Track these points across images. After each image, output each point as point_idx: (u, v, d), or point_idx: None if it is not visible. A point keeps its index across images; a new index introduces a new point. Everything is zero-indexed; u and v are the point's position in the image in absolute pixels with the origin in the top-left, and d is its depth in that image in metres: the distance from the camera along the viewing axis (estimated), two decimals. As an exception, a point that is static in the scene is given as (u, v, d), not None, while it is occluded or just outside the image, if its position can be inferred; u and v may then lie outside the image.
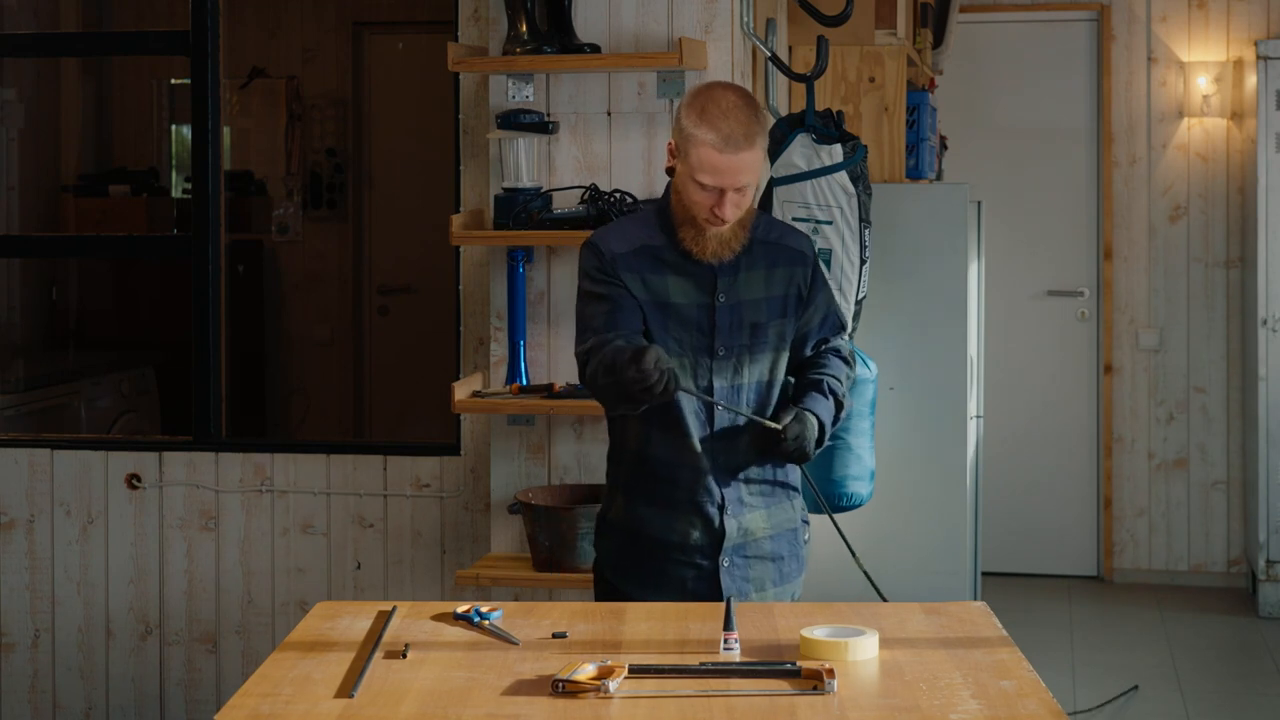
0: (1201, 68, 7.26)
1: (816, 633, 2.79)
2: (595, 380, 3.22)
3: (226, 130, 7.19)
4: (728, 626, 2.79)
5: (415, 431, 7.15)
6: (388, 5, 7.93)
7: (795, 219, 4.34)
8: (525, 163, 4.23)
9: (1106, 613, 6.89)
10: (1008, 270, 7.34)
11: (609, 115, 4.31)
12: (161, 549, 4.90)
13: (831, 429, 3.37)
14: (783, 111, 4.87)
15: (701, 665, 2.69)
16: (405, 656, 2.78)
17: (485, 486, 4.66)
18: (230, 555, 4.87)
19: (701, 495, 3.32)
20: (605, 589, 3.45)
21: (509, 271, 4.31)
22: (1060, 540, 7.49)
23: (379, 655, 2.79)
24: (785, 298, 3.35)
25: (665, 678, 2.65)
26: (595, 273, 3.31)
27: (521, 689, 2.60)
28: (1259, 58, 6.74)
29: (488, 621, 2.98)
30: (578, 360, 3.31)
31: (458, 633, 2.95)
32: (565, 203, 4.26)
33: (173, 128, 7.84)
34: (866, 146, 4.54)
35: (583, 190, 4.23)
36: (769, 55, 4.54)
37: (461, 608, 3.04)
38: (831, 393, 3.38)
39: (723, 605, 2.94)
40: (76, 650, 4.96)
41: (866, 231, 4.44)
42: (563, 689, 2.56)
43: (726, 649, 2.78)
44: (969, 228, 4.95)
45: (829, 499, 4.29)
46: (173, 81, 7.74)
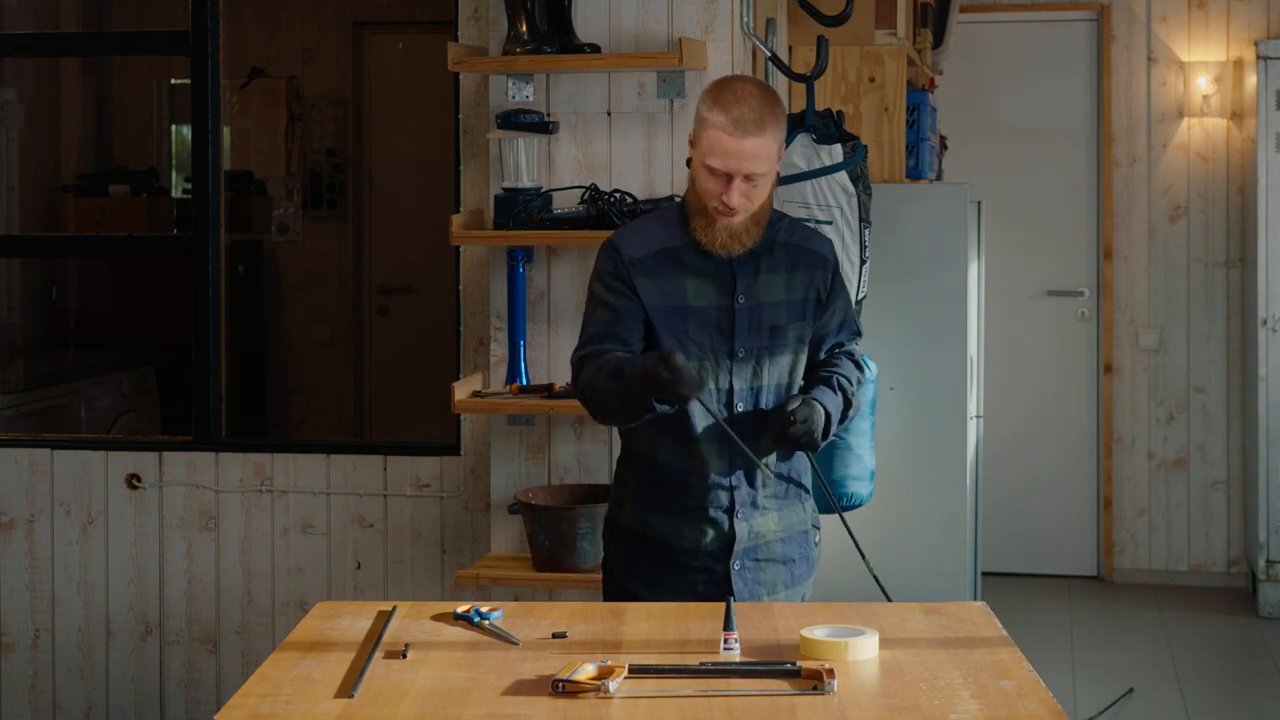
0: (1201, 68, 7.26)
1: (816, 633, 2.79)
2: (594, 385, 3.22)
3: (226, 130, 7.19)
4: (728, 626, 2.79)
5: (415, 431, 7.15)
6: (388, 5, 7.93)
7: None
8: (525, 163, 4.23)
9: (1106, 613, 6.89)
10: (1008, 270, 7.34)
11: (609, 115, 4.31)
12: (161, 549, 4.90)
13: (838, 425, 3.37)
14: (783, 111, 4.86)
15: (701, 665, 2.69)
16: (405, 656, 2.78)
17: (485, 486, 4.66)
18: (230, 555, 4.87)
19: (712, 500, 3.31)
20: (615, 588, 3.44)
21: (509, 271, 4.31)
22: (1060, 540, 7.49)
23: (379, 655, 2.79)
24: (805, 301, 3.35)
25: (665, 678, 2.65)
26: (608, 278, 3.29)
27: (521, 689, 2.60)
28: (1259, 58, 6.74)
29: (488, 621, 2.98)
30: (572, 365, 3.31)
31: (458, 633, 2.95)
32: (565, 203, 4.26)
33: (173, 128, 7.84)
34: (866, 146, 4.54)
35: (583, 190, 4.23)
36: (769, 55, 4.54)
37: (461, 608, 3.04)
38: (841, 389, 3.38)
39: (723, 605, 2.94)
40: (76, 650, 4.96)
41: (866, 231, 4.44)
42: (563, 689, 2.56)
43: (726, 649, 2.78)
44: (969, 228, 4.95)
45: (826, 502, 4.30)
46: (173, 81, 7.74)
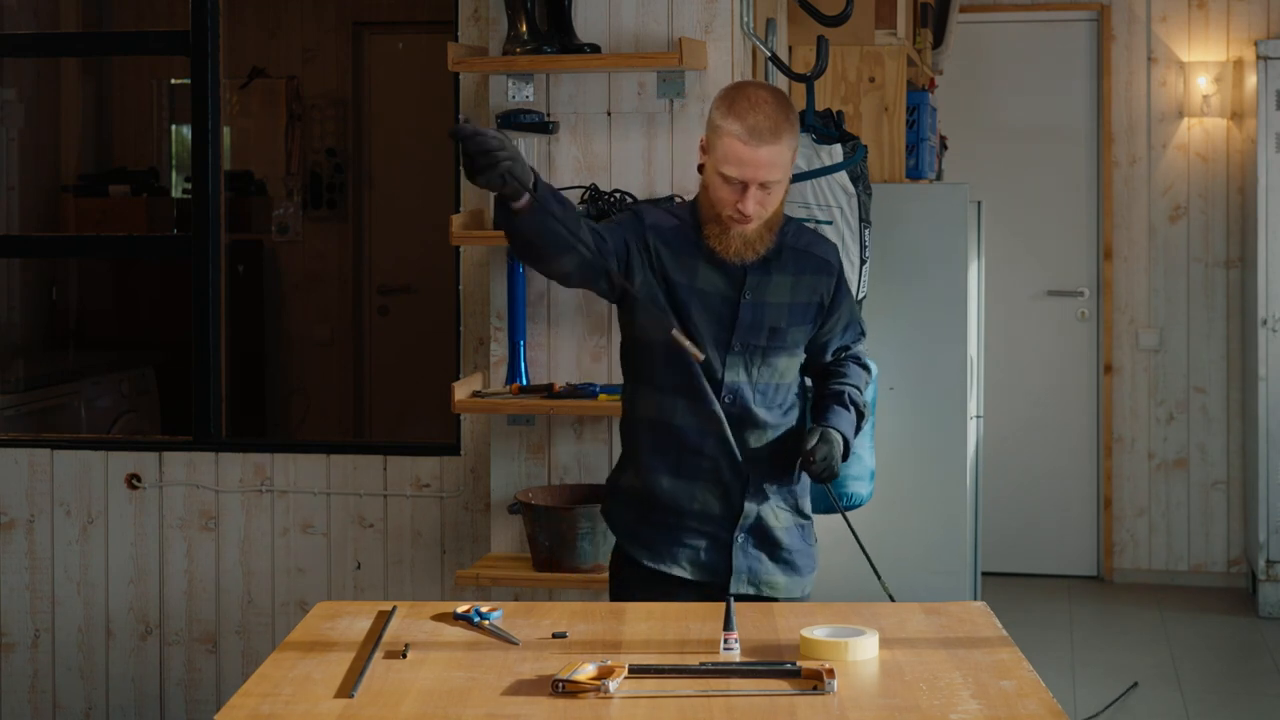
0: (1201, 68, 7.26)
1: (816, 633, 2.79)
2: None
3: (226, 130, 7.19)
4: (728, 626, 2.79)
5: (415, 431, 7.15)
6: (388, 5, 7.93)
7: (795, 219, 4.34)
8: (525, 163, 4.23)
9: (1106, 613, 6.89)
10: (1008, 270, 7.34)
11: (609, 115, 4.31)
12: (161, 549, 4.90)
13: (854, 438, 3.40)
14: (783, 111, 4.86)
15: (701, 665, 2.69)
16: (405, 656, 2.78)
17: (485, 486, 4.66)
18: (230, 555, 4.87)
19: (725, 466, 3.32)
20: (616, 554, 3.45)
21: (509, 271, 4.31)
22: (1060, 540, 7.49)
23: (379, 655, 2.79)
24: (808, 305, 3.36)
25: (665, 678, 2.65)
26: (623, 222, 3.31)
27: (521, 689, 2.60)
28: (1259, 58, 6.74)
29: (488, 621, 2.98)
30: None
31: (458, 633, 2.95)
32: (565, 203, 4.26)
33: (173, 128, 7.85)
34: (866, 146, 4.54)
35: (583, 190, 4.23)
36: (769, 55, 4.54)
37: (461, 608, 3.04)
38: (853, 403, 3.42)
39: (723, 605, 2.94)
40: (76, 650, 4.96)
41: (866, 231, 4.44)
42: (563, 689, 2.56)
43: (726, 649, 2.78)
44: (969, 228, 4.95)
45: (828, 500, 4.30)
46: (173, 81, 7.74)
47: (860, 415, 3.44)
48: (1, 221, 6.85)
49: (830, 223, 4.37)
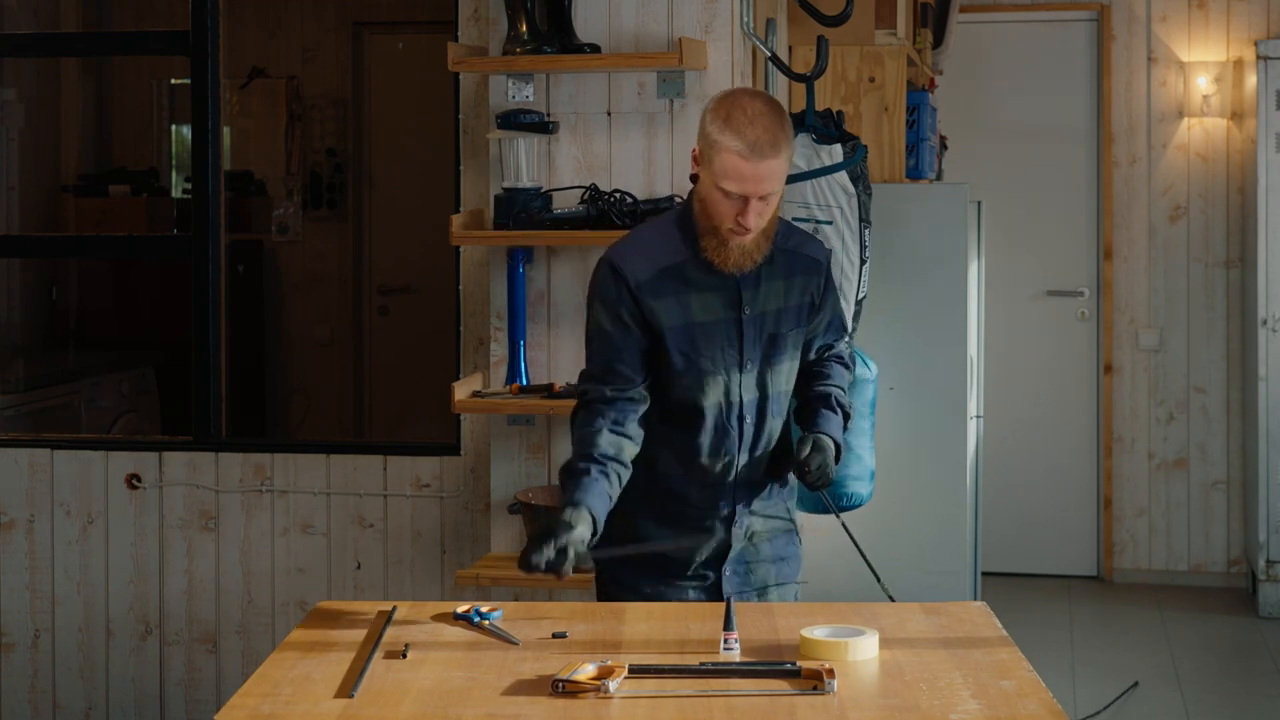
0: (1201, 68, 7.26)
1: (816, 633, 2.79)
2: (573, 444, 3.24)
3: (226, 130, 7.19)
4: (728, 626, 2.79)
5: (415, 431, 7.15)
6: (388, 5, 7.93)
7: (795, 219, 4.34)
8: (525, 163, 4.23)
9: (1106, 613, 6.89)
10: (1008, 270, 7.34)
11: (609, 115, 4.31)
12: (161, 549, 4.90)
13: (843, 441, 3.39)
14: (783, 111, 4.86)
15: (701, 665, 2.69)
16: (405, 656, 2.78)
17: (485, 486, 4.66)
18: (230, 555, 4.87)
19: (710, 511, 3.31)
20: (604, 598, 3.43)
21: (509, 271, 4.31)
22: (1060, 540, 7.49)
23: (379, 655, 2.79)
24: (801, 306, 3.32)
25: (665, 678, 2.65)
26: (611, 303, 3.23)
27: (521, 689, 2.60)
28: (1259, 58, 6.74)
29: (488, 621, 2.98)
30: (577, 393, 3.32)
31: (458, 633, 2.95)
32: (565, 203, 4.26)
33: (173, 128, 7.85)
34: (866, 146, 4.54)
35: (583, 190, 4.23)
36: (769, 55, 4.54)
37: (461, 608, 3.04)
38: (839, 405, 3.38)
39: (722, 605, 2.94)
40: (76, 650, 4.96)
41: (866, 231, 4.44)
42: (563, 689, 2.56)
43: (726, 649, 2.78)
44: (969, 228, 4.95)
45: (830, 499, 4.29)
46: (173, 81, 7.74)
47: (846, 416, 3.40)
48: (1, 221, 6.85)
49: (830, 223, 4.37)
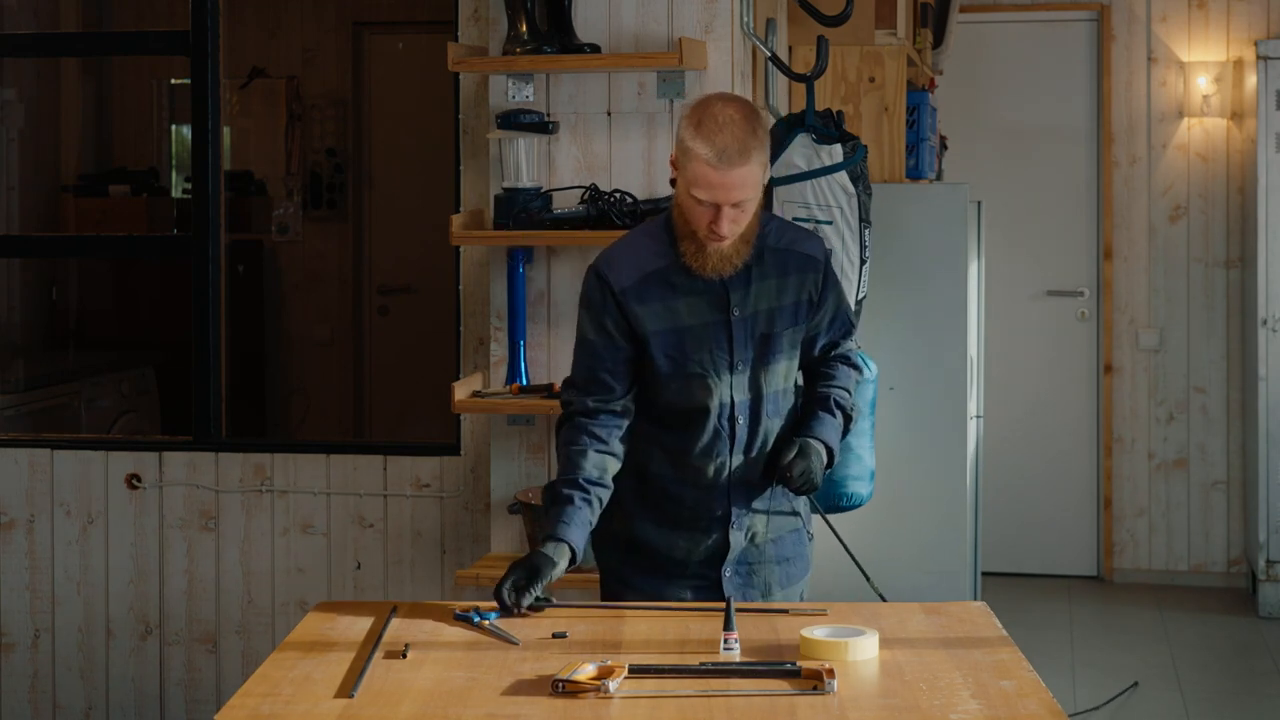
0: (1201, 68, 7.26)
1: (816, 633, 2.79)
2: (559, 459, 3.27)
3: (226, 130, 7.19)
4: (728, 626, 2.79)
5: (415, 431, 7.15)
6: (388, 5, 7.93)
7: (795, 219, 4.34)
8: (525, 163, 4.23)
9: (1106, 613, 6.89)
10: (1008, 270, 7.34)
11: (609, 115, 4.31)
12: (161, 549, 4.90)
13: (840, 443, 3.37)
14: (783, 111, 4.87)
15: (701, 665, 2.69)
16: (405, 656, 2.78)
17: (485, 486, 4.66)
18: (230, 555, 4.87)
19: (705, 511, 3.30)
20: (608, 596, 3.42)
21: (509, 271, 4.31)
22: (1060, 540, 7.49)
23: (379, 655, 2.79)
24: (797, 304, 3.30)
25: (665, 678, 2.65)
26: (595, 310, 3.24)
27: (521, 689, 2.60)
28: (1259, 58, 6.74)
29: (487, 621, 2.98)
30: (560, 402, 3.33)
31: (458, 633, 2.95)
32: (565, 203, 4.26)
33: (173, 128, 7.85)
34: (866, 146, 4.54)
35: (583, 190, 4.23)
36: (769, 55, 4.54)
37: (460, 607, 3.04)
38: (839, 407, 3.37)
39: (722, 605, 2.94)
40: (76, 650, 4.96)
41: (866, 231, 4.44)
42: (563, 689, 2.56)
43: (726, 649, 2.78)
44: (969, 228, 4.95)
45: (829, 499, 4.29)
46: (173, 81, 7.74)
47: (848, 418, 3.39)
48: (1, 221, 6.85)
49: (830, 223, 4.37)
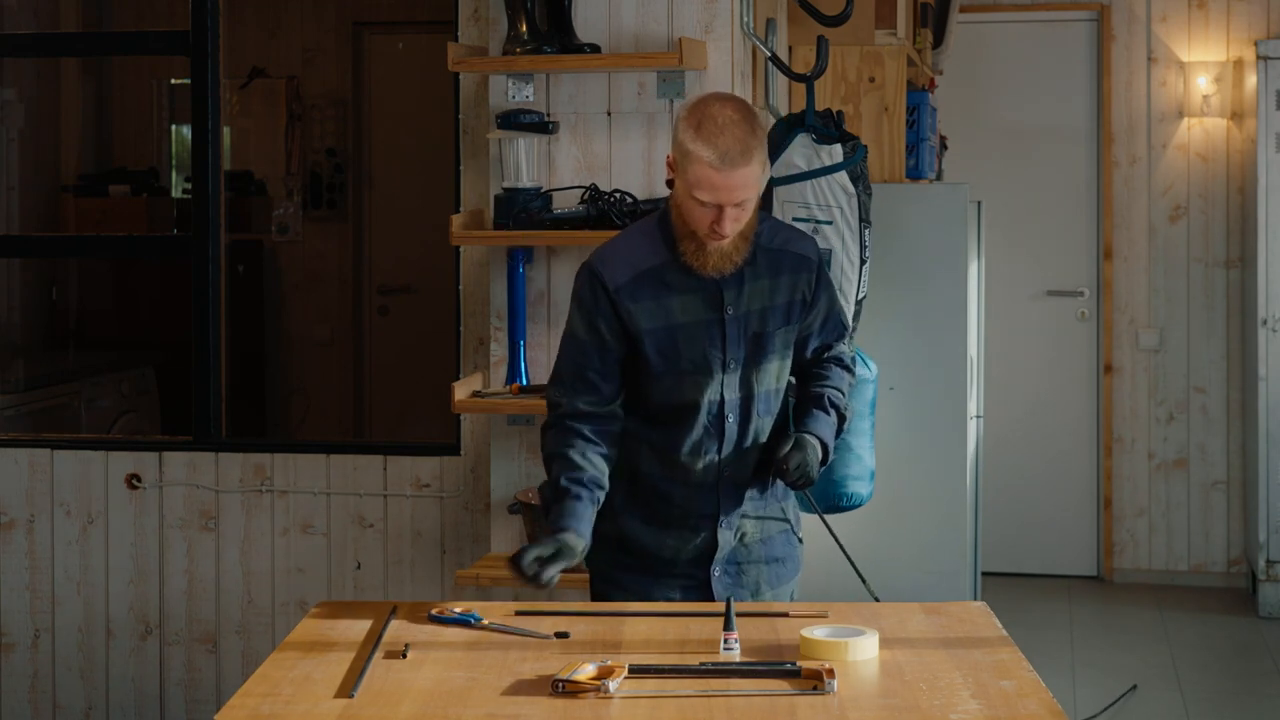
0: (1201, 68, 7.26)
1: (816, 633, 2.79)
2: (547, 463, 3.27)
3: (226, 130, 7.19)
4: (728, 626, 2.79)
5: (415, 431, 7.15)
6: (388, 5, 7.93)
7: (795, 219, 4.34)
8: (525, 163, 4.23)
9: (1106, 613, 6.89)
10: (1008, 270, 7.34)
11: (609, 115, 4.31)
12: (161, 549, 4.90)
13: (835, 442, 3.37)
14: (783, 111, 4.87)
15: (701, 665, 2.69)
16: (405, 656, 2.78)
17: (485, 486, 4.66)
18: (230, 555, 4.87)
19: (694, 510, 3.30)
20: (597, 597, 3.42)
21: (509, 271, 4.31)
22: (1060, 540, 7.49)
23: (379, 655, 2.79)
24: (790, 304, 3.30)
25: (665, 678, 2.65)
26: (587, 308, 3.24)
27: (521, 689, 2.60)
28: (1259, 58, 6.74)
29: (485, 621, 2.98)
30: (547, 401, 3.32)
31: (458, 633, 2.95)
32: (565, 203, 4.26)
33: (173, 128, 7.85)
34: (866, 146, 4.54)
35: (583, 190, 4.23)
36: (769, 55, 4.54)
37: (435, 609, 3.04)
38: (833, 406, 3.36)
39: (722, 605, 2.94)
40: (76, 650, 4.96)
41: (866, 231, 4.44)
42: (563, 689, 2.56)
43: (726, 649, 2.78)
44: (969, 228, 4.95)
45: (830, 499, 4.29)
46: (173, 81, 7.74)
47: (841, 418, 3.39)
48: (1, 221, 6.85)
49: (830, 223, 4.37)
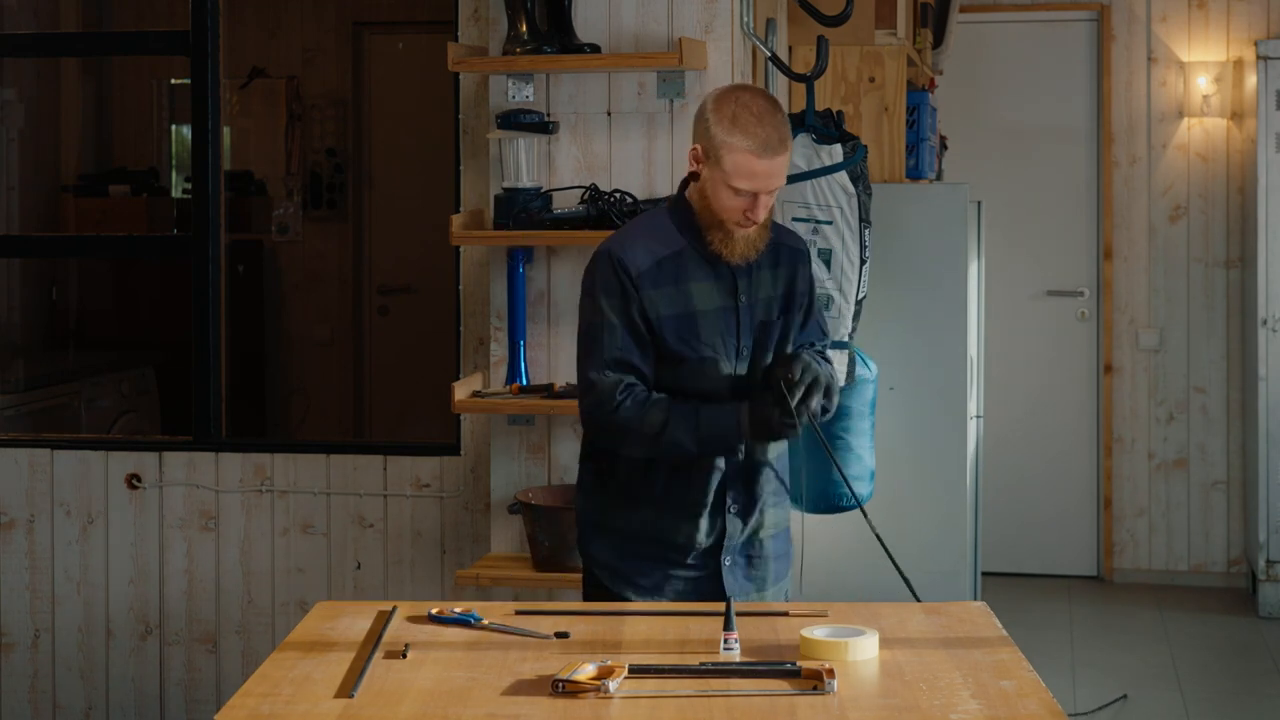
0: (1201, 68, 7.26)
1: (816, 633, 2.79)
2: (651, 425, 3.19)
3: (226, 130, 7.19)
4: (728, 626, 2.79)
5: (415, 431, 7.15)
6: (388, 5, 7.93)
7: (795, 219, 4.34)
8: (525, 163, 4.23)
9: (1106, 613, 6.89)
10: (1008, 270, 7.34)
11: (609, 115, 4.31)
12: (161, 549, 4.90)
13: (834, 378, 3.32)
14: (783, 111, 4.87)
15: (701, 665, 2.69)
16: (405, 656, 2.78)
17: (485, 486, 4.66)
18: (230, 555, 4.87)
19: (711, 494, 3.31)
20: (599, 593, 3.41)
21: (509, 271, 4.31)
22: (1060, 540, 7.49)
23: (379, 655, 2.79)
24: (787, 295, 3.36)
25: (665, 678, 2.65)
26: (614, 295, 3.22)
27: (521, 689, 2.60)
28: (1259, 58, 6.74)
29: (486, 620, 2.98)
30: (594, 385, 3.22)
31: (457, 633, 2.95)
32: (565, 203, 4.26)
33: (173, 128, 7.85)
34: (866, 146, 4.54)
35: (583, 190, 4.23)
36: (769, 55, 4.54)
37: (434, 609, 3.04)
38: (824, 358, 3.35)
39: (722, 605, 2.93)
40: (76, 650, 4.96)
41: (866, 231, 4.44)
42: (563, 689, 2.56)
43: (726, 649, 2.78)
44: (969, 228, 4.95)
45: (829, 499, 4.29)
46: (173, 81, 7.74)
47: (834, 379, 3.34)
48: (1, 221, 6.85)
49: (830, 223, 4.37)
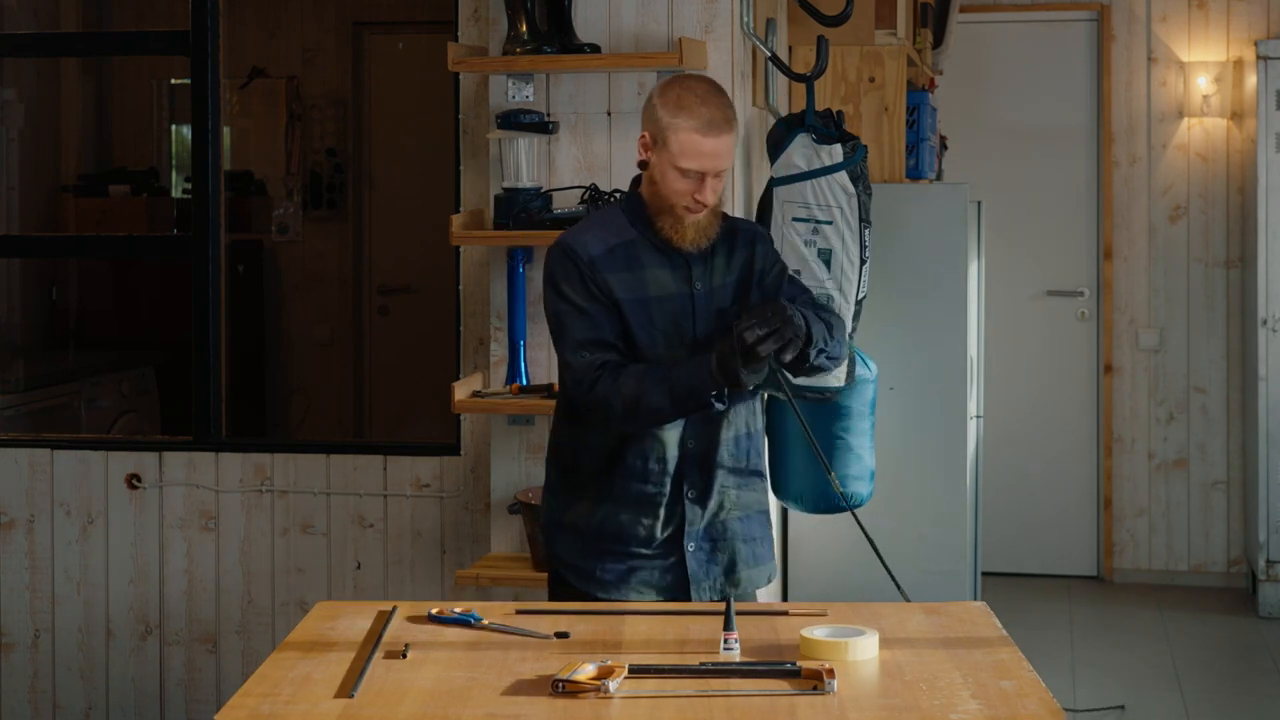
0: (1201, 68, 7.26)
1: (816, 633, 2.79)
2: (628, 394, 3.18)
3: (226, 130, 7.19)
4: (728, 626, 2.79)
5: (415, 431, 7.15)
6: (388, 5, 7.93)
7: (795, 219, 4.34)
8: (525, 163, 4.23)
9: (1106, 613, 6.89)
10: (1008, 270, 7.34)
11: (609, 115, 4.31)
12: (161, 549, 4.90)
13: (824, 345, 3.28)
14: (783, 111, 4.87)
15: (701, 665, 2.69)
16: (405, 656, 2.78)
17: (485, 486, 4.66)
18: (230, 555, 4.87)
19: (664, 486, 3.31)
20: (564, 593, 3.40)
21: (509, 271, 4.32)
22: (1060, 540, 7.49)
23: (379, 655, 2.79)
24: (741, 280, 3.37)
25: (665, 678, 2.65)
26: (574, 282, 3.27)
27: (521, 689, 2.60)
28: (1259, 58, 6.74)
29: (485, 621, 2.98)
30: (573, 368, 3.26)
31: (458, 633, 2.95)
32: (565, 203, 4.26)
33: (173, 128, 7.85)
34: (866, 146, 4.54)
35: (583, 190, 4.23)
36: (769, 55, 4.54)
37: (435, 609, 3.04)
38: (815, 312, 3.32)
39: (722, 605, 2.94)
40: (76, 650, 4.96)
41: (866, 231, 4.44)
42: (563, 689, 2.56)
43: (726, 649, 2.78)
44: (969, 228, 4.95)
45: (829, 499, 4.29)
46: (173, 81, 7.74)
47: (828, 326, 3.31)
48: (1, 221, 6.85)
49: (830, 223, 4.37)
